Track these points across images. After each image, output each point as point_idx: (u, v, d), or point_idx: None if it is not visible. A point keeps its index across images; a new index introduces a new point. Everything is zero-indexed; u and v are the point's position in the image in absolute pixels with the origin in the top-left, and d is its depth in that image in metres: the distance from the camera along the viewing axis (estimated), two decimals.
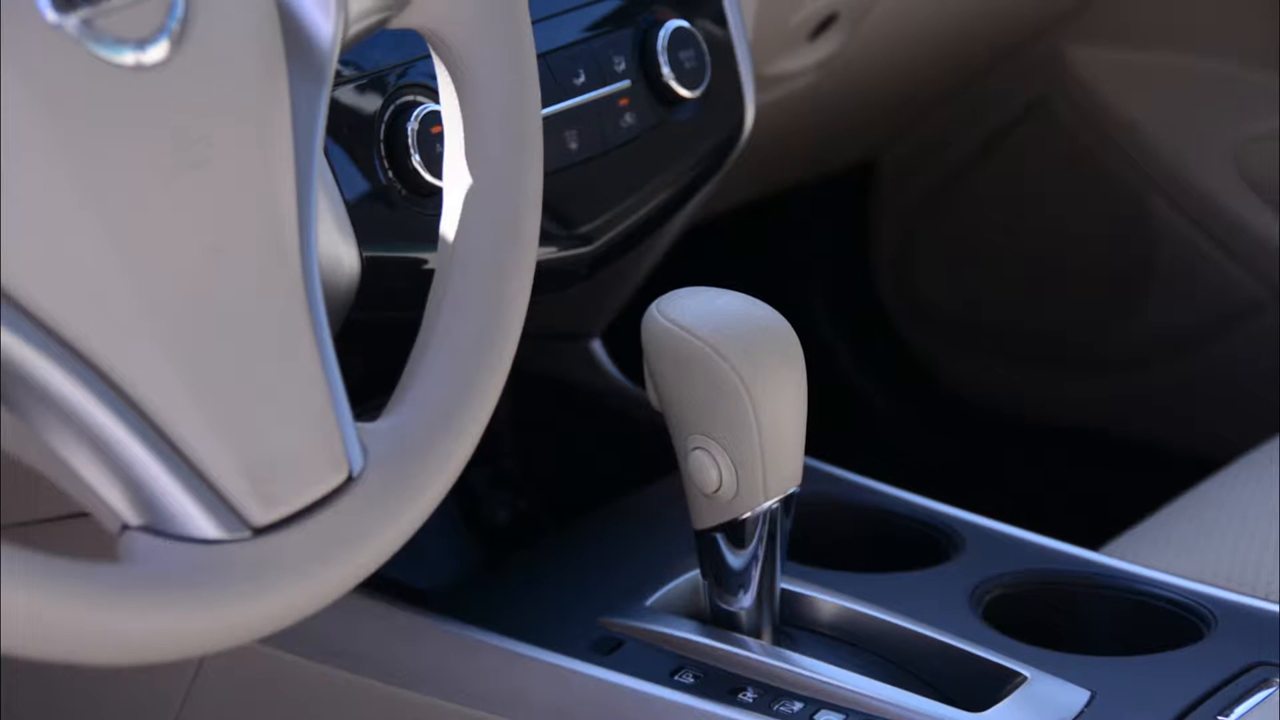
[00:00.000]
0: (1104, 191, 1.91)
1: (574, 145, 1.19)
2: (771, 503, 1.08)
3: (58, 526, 1.05)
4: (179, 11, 0.81)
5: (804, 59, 1.56)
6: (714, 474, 1.07)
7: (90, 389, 0.78)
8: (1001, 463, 2.04)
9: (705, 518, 1.09)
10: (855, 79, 1.67)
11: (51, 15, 0.78)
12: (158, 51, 0.80)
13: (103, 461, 0.78)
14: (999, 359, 2.03)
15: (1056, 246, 1.97)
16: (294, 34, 0.87)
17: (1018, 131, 1.95)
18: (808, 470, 1.11)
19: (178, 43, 0.81)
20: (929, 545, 1.24)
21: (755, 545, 1.08)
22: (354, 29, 0.89)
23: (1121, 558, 1.23)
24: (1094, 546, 1.25)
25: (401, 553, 0.86)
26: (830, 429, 1.33)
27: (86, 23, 0.78)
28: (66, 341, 0.78)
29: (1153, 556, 1.27)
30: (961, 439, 2.06)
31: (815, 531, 1.21)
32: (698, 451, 1.07)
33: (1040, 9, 1.84)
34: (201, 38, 0.81)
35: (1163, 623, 1.17)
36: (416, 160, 1.10)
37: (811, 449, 1.12)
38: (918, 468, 1.66)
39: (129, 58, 0.79)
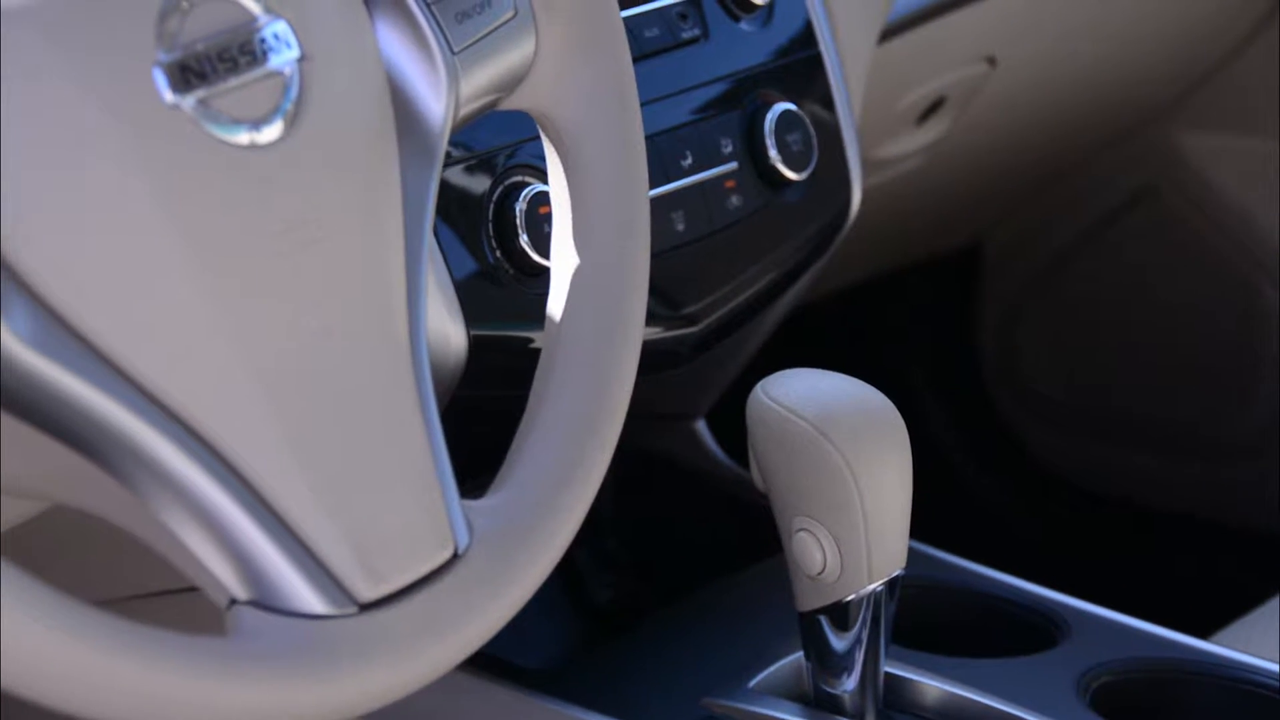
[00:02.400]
0: (1212, 277, 1.90)
1: (681, 226, 1.19)
2: (876, 585, 1.07)
3: (166, 600, 1.06)
4: (293, 92, 0.82)
5: (911, 143, 1.56)
6: (818, 556, 1.07)
7: (201, 464, 0.78)
8: (1108, 548, 2.02)
9: (809, 600, 1.09)
10: (961, 163, 1.67)
11: (169, 95, 0.79)
12: (272, 131, 0.81)
13: (212, 536, 0.79)
14: (1104, 443, 2.02)
15: (1164, 332, 1.96)
16: (406, 115, 0.88)
17: (1124, 216, 1.94)
18: (912, 553, 1.11)
19: (292, 123, 0.82)
20: (1034, 630, 1.23)
21: (859, 628, 1.08)
22: (465, 110, 0.90)
23: (1232, 646, 1.21)
24: (1204, 635, 1.24)
25: (505, 631, 0.86)
26: (934, 512, 1.33)
27: (203, 103, 0.79)
28: (178, 417, 0.78)
29: (1264, 645, 1.25)
30: (1066, 523, 2.05)
31: (919, 615, 1.20)
32: (802, 533, 1.07)
33: (1148, 95, 1.83)
34: (315, 118, 0.82)
35: (1276, 714, 1.15)
36: (524, 240, 1.11)
37: (916, 532, 1.12)
38: (1022, 551, 1.65)
39: (244, 137, 0.80)
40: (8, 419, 0.78)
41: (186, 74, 0.79)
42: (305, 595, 0.80)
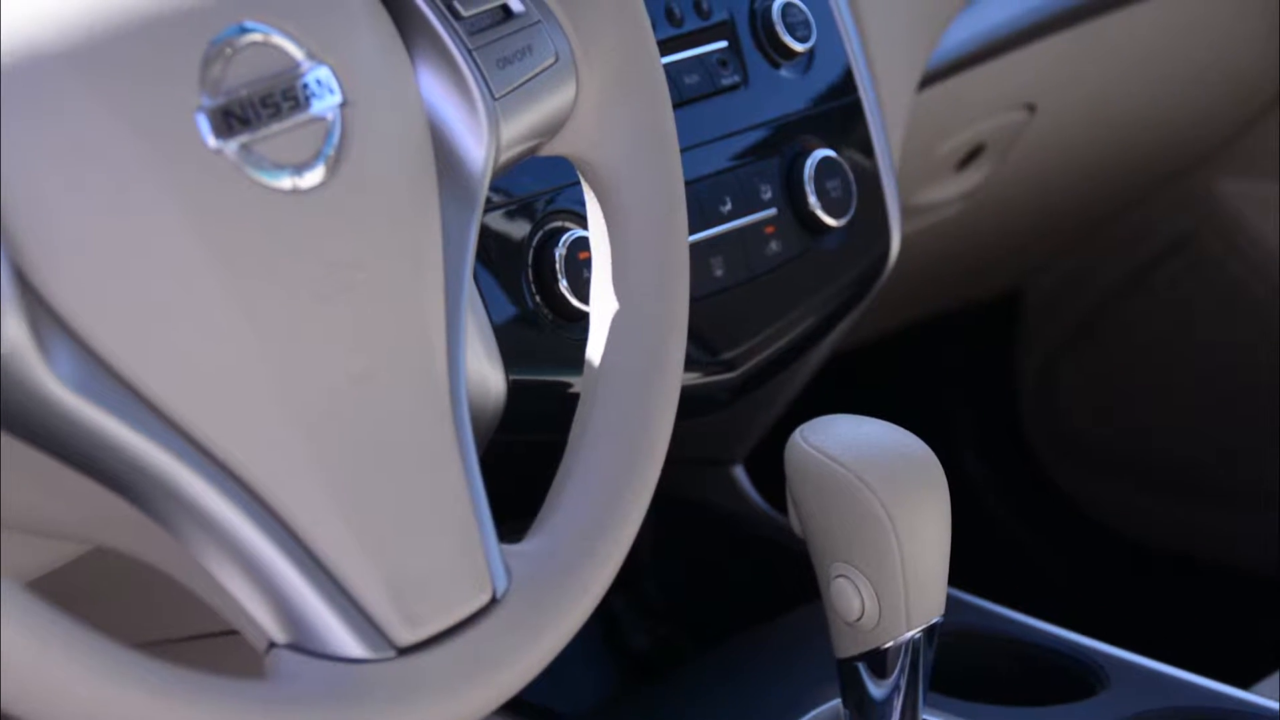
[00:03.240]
0: (1256, 323, 1.89)
1: (720, 272, 1.20)
2: (914, 632, 1.07)
3: (206, 643, 1.07)
4: (335, 138, 0.82)
5: (951, 189, 1.56)
6: (856, 602, 1.06)
7: (241, 507, 0.79)
8: (1147, 596, 2.01)
9: (847, 646, 1.08)
10: (1002, 209, 1.67)
11: (212, 140, 0.79)
12: (314, 176, 0.82)
13: (251, 580, 0.79)
14: (1145, 490, 2.01)
15: (1207, 378, 1.95)
16: (446, 160, 0.88)
17: (1164, 262, 1.94)
18: (951, 600, 1.10)
19: (333, 168, 0.82)
20: (1073, 679, 1.22)
21: (897, 675, 1.08)
22: (505, 155, 0.90)
23: (1272, 696, 1.20)
24: (1244, 685, 1.23)
25: (542, 676, 0.86)
26: (973, 559, 1.32)
27: (245, 148, 0.80)
28: (218, 460, 0.79)
29: None
30: (1106, 570, 2.04)
31: (958, 663, 1.20)
32: (840, 579, 1.07)
33: (1190, 142, 1.83)
34: (357, 163, 0.83)
35: None
36: (564, 285, 1.11)
37: (955, 579, 1.11)
38: (1062, 599, 1.64)
39: (286, 182, 0.81)
40: (50, 461, 0.78)
41: (229, 119, 0.79)
42: (344, 639, 0.80)
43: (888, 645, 1.07)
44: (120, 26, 0.79)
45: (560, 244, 1.11)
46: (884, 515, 1.04)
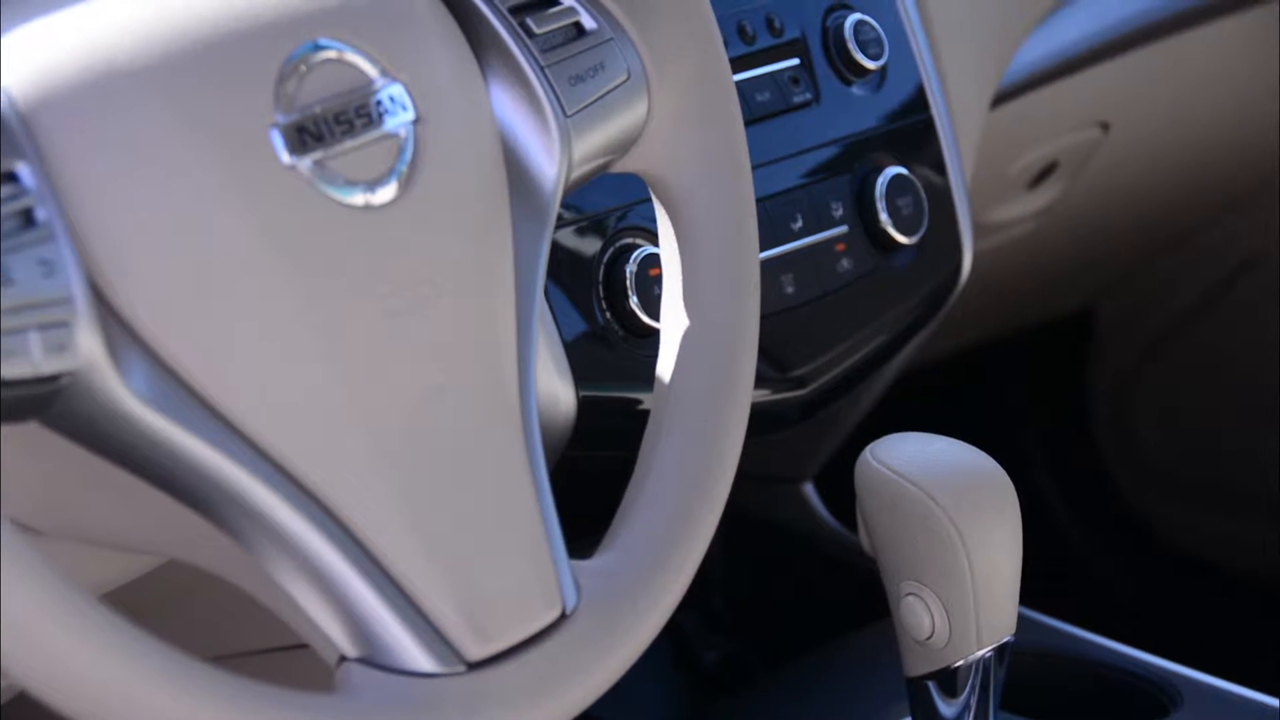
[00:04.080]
0: None
1: (790, 289, 1.19)
2: (985, 651, 1.06)
3: (277, 657, 1.07)
4: (408, 154, 0.83)
5: (1023, 207, 1.56)
6: (926, 621, 1.06)
7: (313, 522, 0.79)
8: (1220, 616, 2.00)
9: (917, 665, 1.08)
10: (1074, 228, 1.67)
11: (286, 157, 0.80)
12: (387, 193, 0.82)
13: (323, 593, 0.80)
14: (1217, 510, 1.99)
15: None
16: (518, 176, 0.88)
17: (1243, 281, 1.93)
18: (1022, 619, 1.10)
19: (406, 184, 0.82)
20: (1145, 700, 1.21)
21: (968, 694, 1.07)
22: (577, 173, 0.91)
23: None
24: None
25: (611, 692, 0.86)
26: (1045, 578, 1.32)
27: (319, 164, 0.80)
28: (290, 474, 0.79)
29: None
30: (1178, 590, 2.02)
31: (1030, 682, 1.19)
32: (910, 598, 1.06)
33: (1266, 159, 1.82)
34: (429, 180, 0.83)
35: None
36: (634, 302, 1.11)
37: (1026, 598, 1.11)
38: (1134, 619, 1.63)
39: (359, 198, 0.81)
40: (124, 475, 0.79)
41: (303, 135, 0.80)
42: (414, 653, 0.80)
43: (958, 664, 1.07)
44: (196, 44, 0.79)
45: (631, 260, 1.12)
46: (955, 533, 1.04)
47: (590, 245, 1.12)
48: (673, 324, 0.93)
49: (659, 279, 1.01)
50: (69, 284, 0.75)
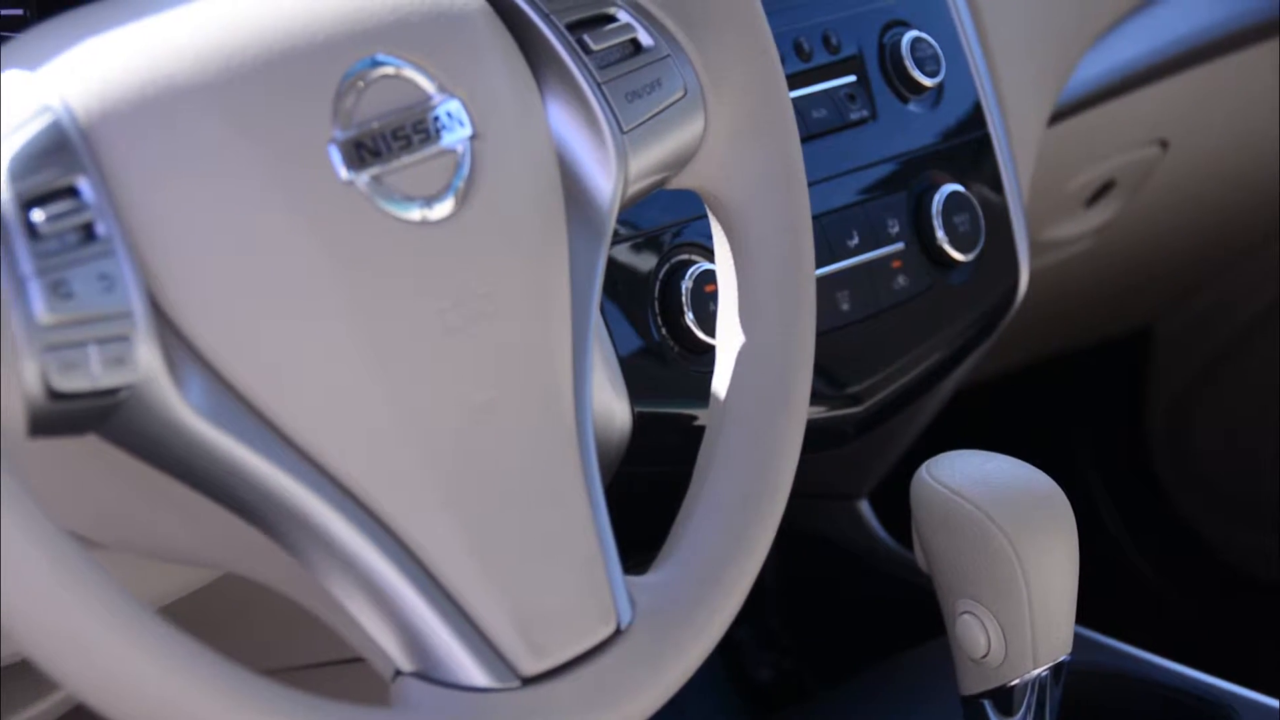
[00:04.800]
0: None
1: (846, 306, 1.19)
2: (1041, 670, 1.06)
3: (333, 670, 1.07)
4: (465, 170, 0.83)
5: (1080, 225, 1.55)
6: (982, 639, 1.06)
7: (368, 536, 0.79)
8: (1277, 636, 1.98)
9: (972, 683, 1.08)
10: (1132, 246, 1.66)
11: (344, 172, 0.80)
12: (443, 208, 0.82)
13: (378, 608, 0.80)
14: (1276, 530, 1.98)
15: None
16: (575, 193, 0.88)
17: None
18: (1078, 638, 1.09)
19: (463, 200, 0.83)
20: None
21: (1024, 714, 1.07)
22: (633, 188, 0.91)
23: None
24: None
25: (665, 707, 0.86)
26: (1101, 597, 1.31)
27: (376, 179, 0.81)
28: (347, 488, 0.79)
29: None
30: (1236, 610, 2.01)
31: (1086, 702, 1.19)
32: (966, 616, 1.06)
33: None
34: (486, 195, 0.83)
35: None
36: (690, 318, 1.11)
37: (1082, 617, 1.10)
38: (1191, 639, 1.62)
39: (415, 214, 0.81)
40: (182, 489, 0.79)
41: (361, 151, 0.80)
42: (469, 668, 0.80)
43: (1014, 683, 1.06)
44: (256, 60, 0.80)
45: (687, 277, 1.12)
46: (1011, 552, 1.04)
47: (646, 261, 1.12)
48: (728, 340, 0.93)
49: (715, 295, 1.01)
50: (128, 298, 0.76)
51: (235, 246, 0.78)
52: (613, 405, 1.09)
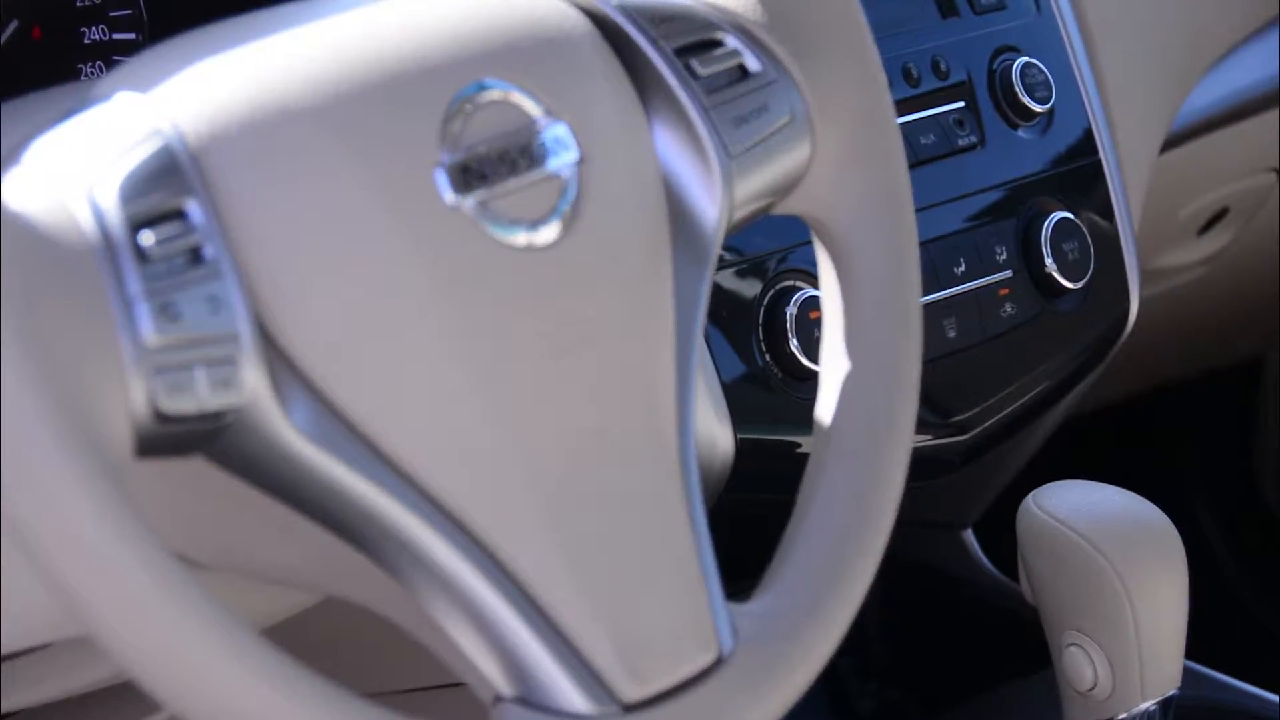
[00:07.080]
0: None
1: (953, 334, 1.19)
2: (1149, 705, 1.05)
3: (434, 694, 1.08)
4: (571, 194, 0.83)
5: (1192, 253, 1.54)
6: (1089, 672, 1.05)
7: (471, 560, 0.79)
8: None
9: (1079, 717, 1.07)
10: (1245, 275, 1.64)
11: (450, 196, 0.80)
12: (549, 232, 0.82)
13: (480, 632, 0.80)
14: None
15: None
16: (680, 218, 0.88)
17: None
18: (1188, 673, 1.08)
19: (569, 224, 0.83)
20: None
21: None
22: (739, 214, 0.90)
23: None
24: None
25: None
26: (1211, 632, 1.29)
27: (482, 204, 0.81)
28: (450, 513, 0.79)
29: None
30: None
31: None
32: (1073, 648, 1.05)
33: None
34: (592, 220, 0.83)
35: None
36: (794, 345, 1.11)
37: (1191, 651, 1.09)
38: None
39: (521, 238, 0.81)
40: (286, 511, 0.80)
41: (467, 175, 0.80)
42: (570, 694, 0.80)
43: (1121, 717, 1.05)
44: (366, 84, 0.80)
45: (791, 303, 1.11)
46: (1119, 583, 1.03)
47: (751, 287, 1.12)
48: (833, 366, 0.93)
49: (819, 322, 1.01)
50: (235, 321, 0.76)
51: (341, 269, 0.78)
52: (715, 431, 1.08)
